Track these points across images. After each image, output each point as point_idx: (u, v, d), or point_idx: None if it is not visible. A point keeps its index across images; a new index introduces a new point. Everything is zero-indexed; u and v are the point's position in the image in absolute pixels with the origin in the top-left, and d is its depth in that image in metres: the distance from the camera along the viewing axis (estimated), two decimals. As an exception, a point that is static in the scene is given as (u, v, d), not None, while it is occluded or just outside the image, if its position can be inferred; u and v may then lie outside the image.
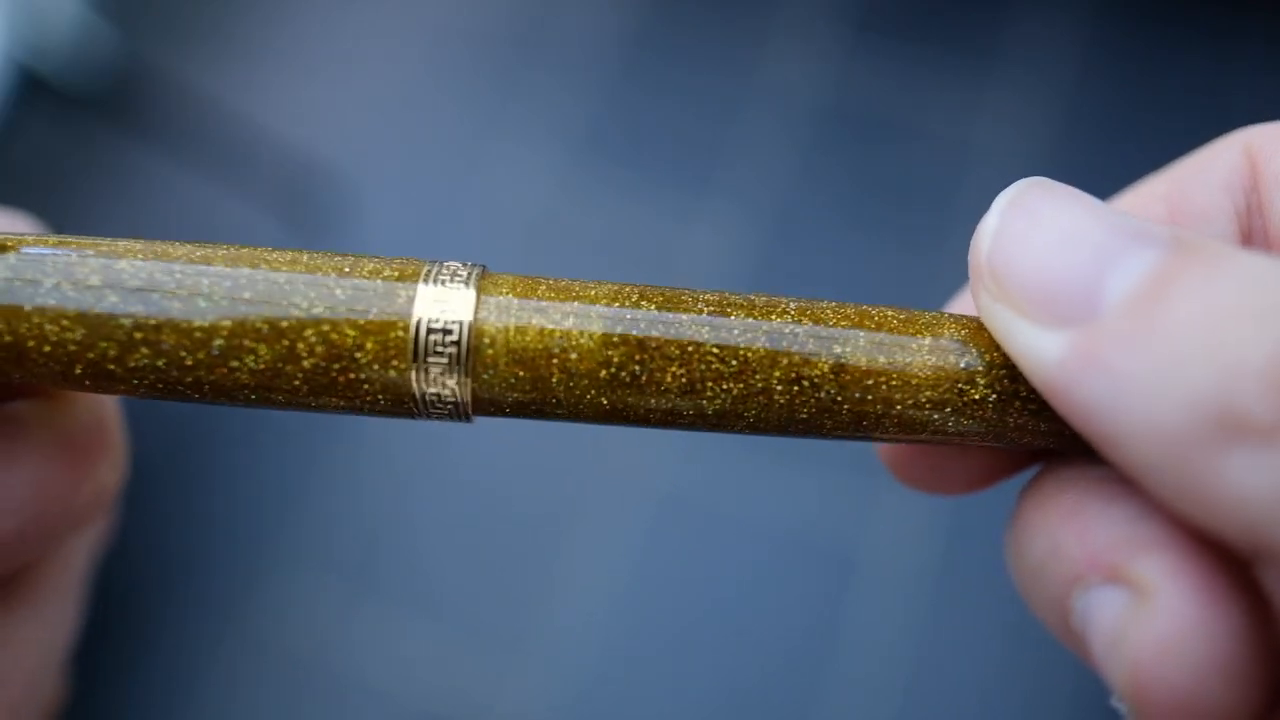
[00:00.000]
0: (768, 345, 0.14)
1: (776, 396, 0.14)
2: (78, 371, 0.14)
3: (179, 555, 0.83)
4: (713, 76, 0.96)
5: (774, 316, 0.14)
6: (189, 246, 0.14)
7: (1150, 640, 0.11)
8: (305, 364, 0.14)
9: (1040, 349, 0.12)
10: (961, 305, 0.17)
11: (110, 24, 0.79)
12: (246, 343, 0.13)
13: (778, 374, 0.14)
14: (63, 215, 0.95)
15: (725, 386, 0.14)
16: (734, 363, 0.14)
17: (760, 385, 0.14)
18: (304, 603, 0.80)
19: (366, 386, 0.14)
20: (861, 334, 0.14)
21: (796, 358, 0.14)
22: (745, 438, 0.80)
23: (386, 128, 0.97)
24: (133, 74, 0.80)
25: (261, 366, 0.14)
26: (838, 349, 0.14)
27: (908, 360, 0.14)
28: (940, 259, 0.85)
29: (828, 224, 0.90)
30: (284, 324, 0.14)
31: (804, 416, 0.14)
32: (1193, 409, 0.11)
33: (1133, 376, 0.11)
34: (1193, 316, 0.11)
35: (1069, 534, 0.13)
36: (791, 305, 0.15)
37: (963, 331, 0.14)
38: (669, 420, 0.14)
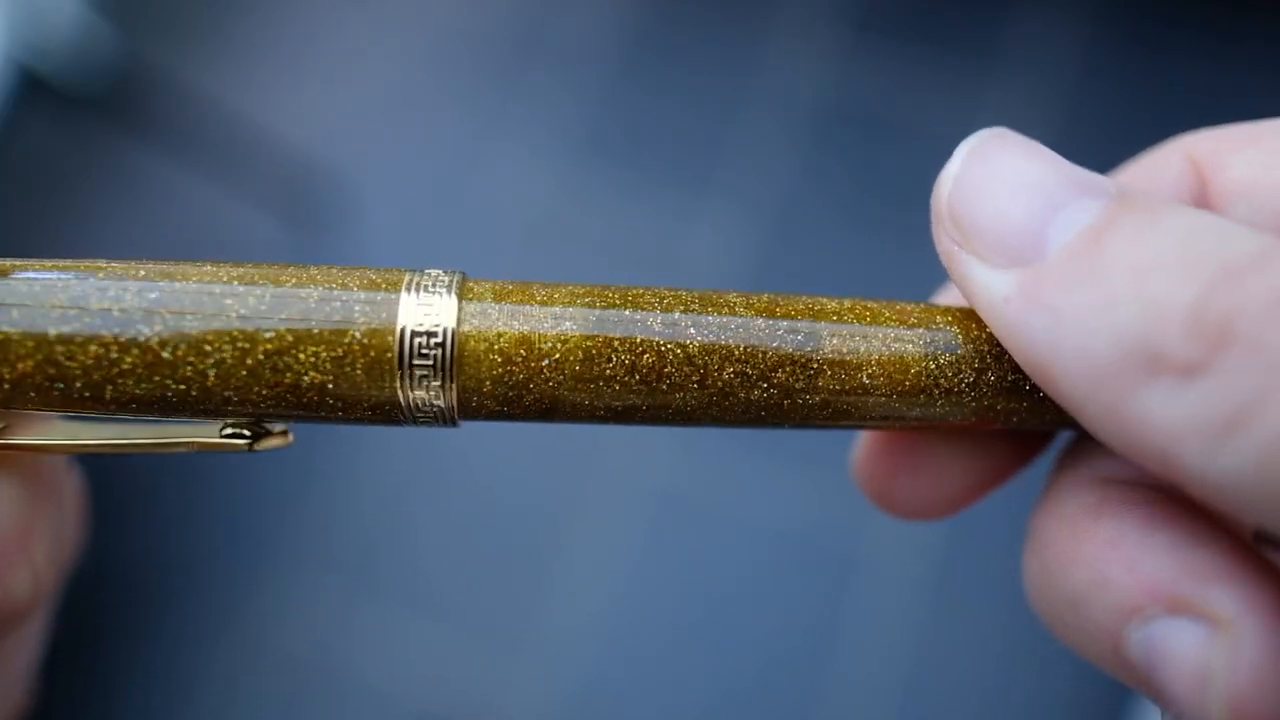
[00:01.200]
0: (748, 340, 0.14)
1: (756, 389, 0.14)
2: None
3: (178, 555, 0.83)
4: (713, 76, 0.96)
5: (758, 313, 0.15)
6: (166, 265, 0.14)
7: (1246, 673, 0.12)
8: (291, 378, 0.14)
9: (991, 288, 0.13)
10: (947, 299, 0.18)
11: (110, 24, 0.79)
12: (222, 357, 0.14)
13: (767, 369, 0.14)
14: (63, 215, 0.95)
15: (708, 381, 0.14)
16: (716, 357, 0.14)
17: (740, 378, 0.14)
18: (303, 603, 0.80)
19: (353, 396, 0.14)
20: (830, 325, 0.15)
21: (776, 352, 0.14)
22: (744, 435, 0.80)
23: (386, 128, 0.97)
24: (133, 74, 0.80)
25: (250, 380, 0.14)
26: (820, 342, 0.14)
27: (880, 349, 0.15)
28: (940, 259, 0.85)
29: (828, 224, 0.90)
30: (269, 337, 0.14)
31: (780, 406, 0.15)
32: (1120, 345, 0.12)
33: (1070, 315, 0.12)
34: (1127, 262, 0.12)
35: (1116, 564, 0.13)
36: (764, 299, 0.15)
37: (929, 317, 0.15)
38: (654, 417, 0.15)
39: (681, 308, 0.15)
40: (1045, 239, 0.13)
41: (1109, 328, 0.12)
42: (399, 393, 0.14)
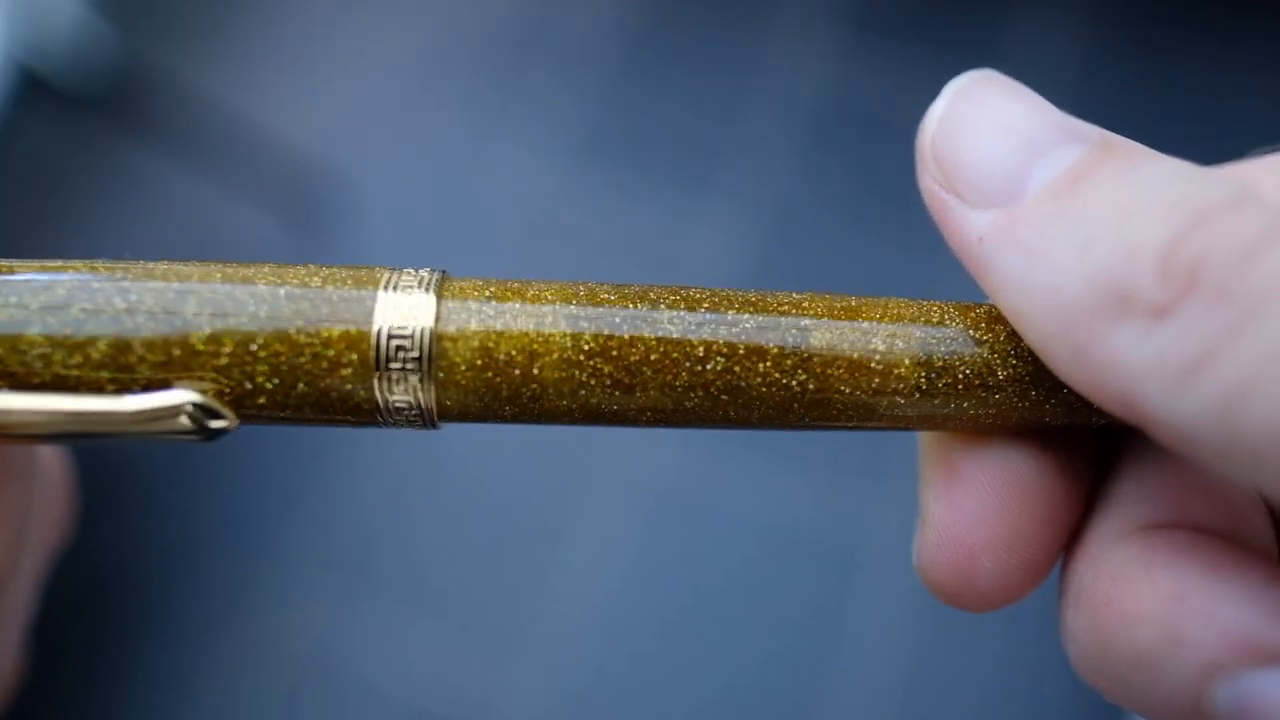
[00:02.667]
0: (737, 338, 0.14)
1: (750, 389, 0.14)
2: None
3: (177, 554, 0.83)
4: (713, 76, 0.96)
5: (743, 309, 0.14)
6: (151, 265, 0.14)
7: None
8: (267, 380, 0.14)
9: (968, 227, 0.14)
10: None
11: (110, 24, 0.79)
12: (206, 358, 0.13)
13: (753, 366, 0.14)
14: (63, 215, 0.95)
15: (695, 381, 0.14)
16: (703, 357, 0.14)
17: (732, 377, 0.14)
18: (302, 601, 0.80)
19: (329, 398, 0.14)
20: (821, 321, 0.14)
21: (770, 349, 0.14)
22: (743, 434, 0.80)
23: (386, 128, 0.97)
24: (133, 74, 0.80)
25: (230, 382, 0.14)
26: (807, 339, 0.14)
27: (879, 346, 0.14)
28: (940, 259, 0.84)
29: (828, 224, 0.90)
30: (241, 337, 0.14)
31: (770, 406, 0.14)
32: (1091, 285, 0.12)
33: (1043, 254, 0.12)
34: (1103, 205, 0.12)
35: (1190, 619, 0.12)
36: (754, 297, 0.15)
37: (925, 313, 0.15)
38: (639, 418, 0.14)
39: (666, 305, 0.14)
40: (1026, 181, 0.13)
41: (1082, 268, 0.12)
42: (376, 394, 0.14)
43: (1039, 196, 0.13)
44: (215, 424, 0.14)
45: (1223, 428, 0.11)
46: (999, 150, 0.14)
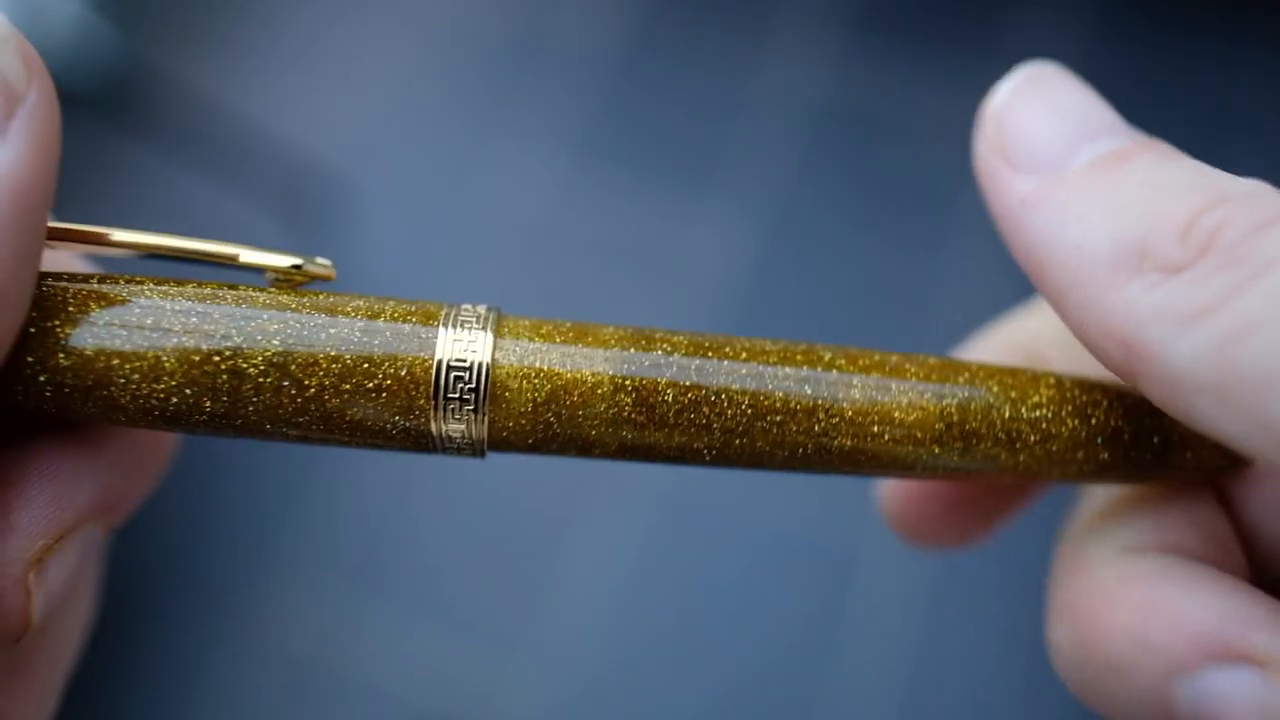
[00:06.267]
0: (777, 388, 0.15)
1: (790, 439, 0.15)
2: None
3: (179, 555, 0.83)
4: (712, 77, 0.96)
5: (784, 363, 0.15)
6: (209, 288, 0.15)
7: None
8: (329, 403, 0.14)
9: (1014, 190, 0.15)
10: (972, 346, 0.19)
11: (110, 24, 0.79)
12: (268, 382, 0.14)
13: (789, 419, 0.15)
14: (62, 215, 0.94)
15: (736, 426, 0.15)
16: (744, 404, 0.15)
17: (767, 424, 0.15)
18: (305, 602, 0.80)
19: (388, 425, 0.15)
20: (855, 376, 0.15)
21: (807, 401, 0.15)
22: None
23: (386, 128, 0.97)
24: (133, 74, 0.80)
25: (288, 405, 0.14)
26: (842, 393, 0.15)
27: (914, 402, 0.15)
28: (940, 259, 0.85)
29: (827, 224, 0.90)
30: (303, 362, 0.14)
31: (808, 453, 0.15)
32: (1116, 241, 0.13)
33: (1076, 215, 0.14)
34: (1137, 182, 0.14)
35: (1158, 625, 0.13)
36: (807, 350, 0.15)
37: (965, 374, 0.15)
38: (680, 458, 0.15)
39: (715, 353, 0.15)
40: (1072, 158, 0.15)
41: (1109, 228, 0.13)
42: (432, 424, 0.15)
43: (1082, 169, 0.14)
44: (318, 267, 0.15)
45: (1219, 367, 0.11)
46: (1054, 126, 0.15)
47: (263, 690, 0.78)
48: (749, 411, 0.15)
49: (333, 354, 0.14)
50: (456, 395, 0.14)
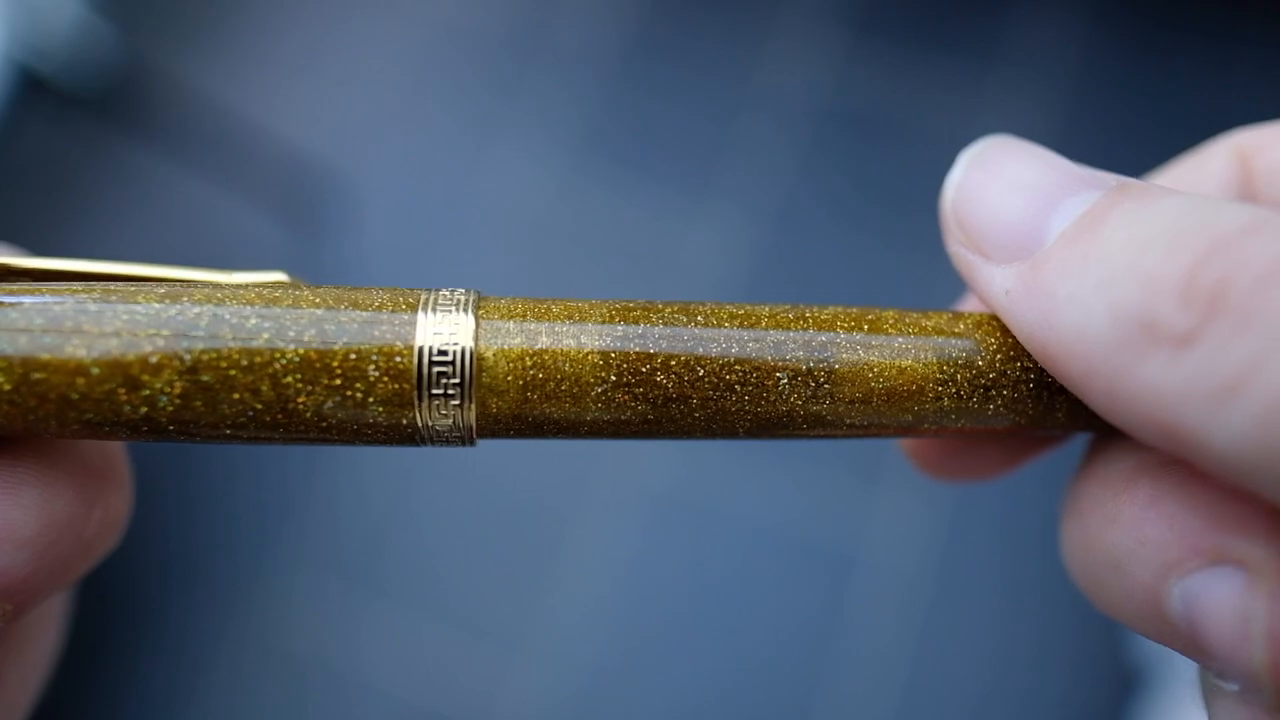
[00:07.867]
0: (771, 353, 0.14)
1: (780, 402, 0.14)
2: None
3: (180, 555, 0.83)
4: (712, 77, 0.96)
5: (774, 325, 0.15)
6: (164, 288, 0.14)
7: None
8: (307, 399, 0.14)
9: (995, 283, 0.14)
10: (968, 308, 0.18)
11: (110, 24, 0.79)
12: (248, 379, 0.14)
13: (782, 381, 0.14)
14: (63, 215, 0.95)
15: (729, 395, 0.14)
16: (737, 371, 0.14)
17: (765, 392, 0.14)
18: (305, 602, 0.80)
19: (370, 418, 0.14)
20: (856, 336, 0.15)
21: (798, 364, 0.14)
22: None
23: (386, 128, 0.97)
24: (133, 74, 0.80)
25: (266, 402, 0.14)
26: (830, 353, 0.14)
27: (903, 359, 0.15)
28: (940, 259, 0.84)
29: (827, 224, 0.90)
30: (284, 361, 0.14)
31: (804, 417, 0.15)
32: (1117, 320, 0.12)
33: (1067, 297, 0.13)
34: (1120, 243, 0.12)
35: (1155, 522, 0.13)
36: (790, 313, 0.15)
37: (947, 325, 0.15)
38: (674, 431, 0.15)
39: (702, 321, 0.15)
40: (1044, 233, 0.14)
41: (1106, 305, 0.12)
42: (417, 414, 0.14)
43: (1058, 243, 0.13)
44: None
45: (1265, 448, 0.11)
46: (1014, 207, 0.14)
47: (263, 690, 0.78)
48: (746, 378, 0.14)
49: (301, 350, 0.14)
50: (439, 383, 0.14)
